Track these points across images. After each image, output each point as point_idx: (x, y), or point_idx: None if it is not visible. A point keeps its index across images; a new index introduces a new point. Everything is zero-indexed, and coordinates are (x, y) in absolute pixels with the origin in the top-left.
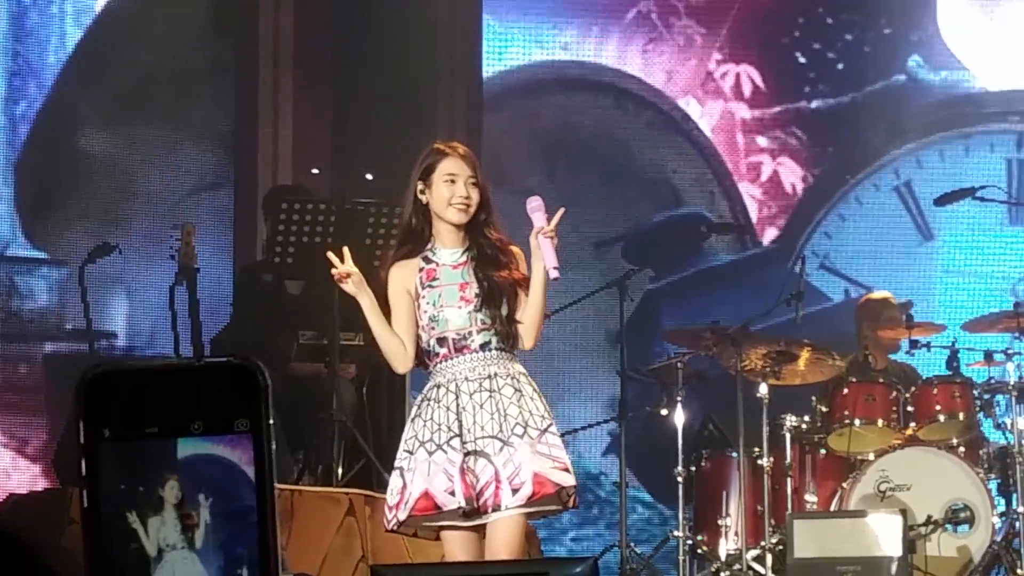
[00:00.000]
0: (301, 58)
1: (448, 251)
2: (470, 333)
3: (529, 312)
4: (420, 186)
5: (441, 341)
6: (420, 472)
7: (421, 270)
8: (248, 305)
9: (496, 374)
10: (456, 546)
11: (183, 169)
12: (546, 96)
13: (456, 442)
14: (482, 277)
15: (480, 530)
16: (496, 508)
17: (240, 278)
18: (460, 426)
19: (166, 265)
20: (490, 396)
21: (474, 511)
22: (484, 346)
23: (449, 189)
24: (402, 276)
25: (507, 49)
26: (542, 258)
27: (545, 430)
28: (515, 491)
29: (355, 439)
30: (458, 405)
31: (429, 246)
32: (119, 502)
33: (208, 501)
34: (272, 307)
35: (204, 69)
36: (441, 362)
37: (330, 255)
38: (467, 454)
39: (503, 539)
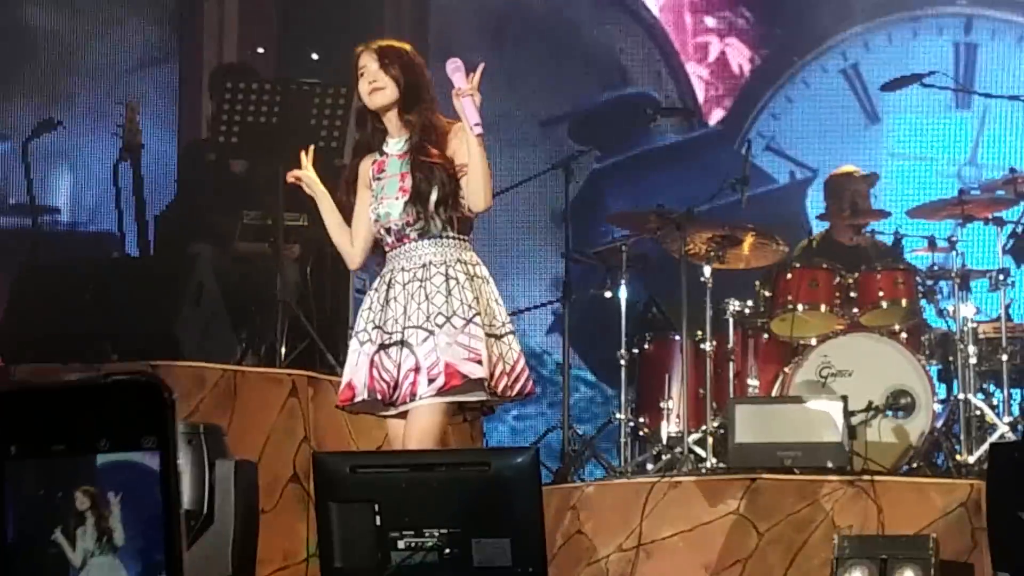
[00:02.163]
0: None
1: (394, 140)
2: (408, 223)
3: (470, 176)
4: (357, 91)
5: (387, 231)
6: (350, 362)
7: (374, 162)
8: (192, 184)
9: (431, 263)
10: (398, 429)
11: (127, 43)
12: None
13: (376, 333)
14: (415, 166)
15: None
16: (413, 397)
17: (184, 156)
18: (384, 317)
19: (110, 141)
20: (420, 286)
21: (390, 402)
22: (422, 235)
23: (363, 80)
24: (363, 170)
25: None
26: (465, 117)
27: (470, 320)
28: (431, 381)
29: (298, 319)
30: (388, 295)
31: (386, 138)
32: (34, 515)
33: (120, 508)
34: (216, 186)
35: None
36: (389, 252)
37: (302, 155)
38: (390, 345)
39: (412, 428)
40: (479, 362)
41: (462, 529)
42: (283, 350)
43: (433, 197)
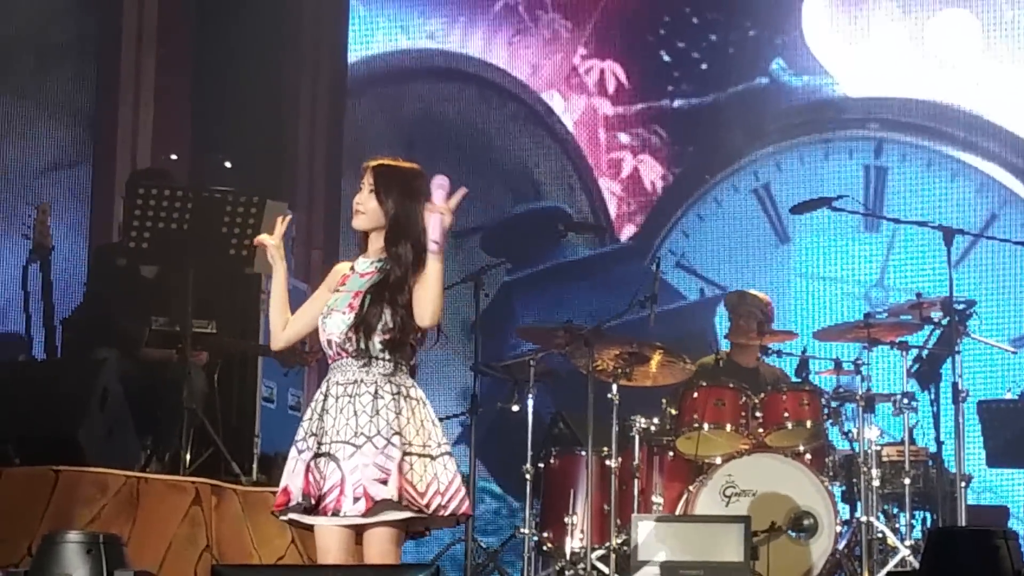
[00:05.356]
0: (165, 39)
1: (365, 260)
2: (349, 339)
3: (421, 290)
4: None
5: (328, 343)
6: (287, 469)
7: (343, 275)
8: (101, 288)
9: (362, 380)
10: (327, 541)
11: (41, 146)
12: (410, 84)
13: (312, 440)
14: (374, 298)
15: (352, 529)
16: (336, 512)
17: (94, 260)
18: (319, 426)
19: (20, 243)
20: (350, 401)
21: (312, 507)
22: (359, 353)
23: (357, 196)
24: (333, 273)
25: (373, 36)
26: (428, 231)
27: (389, 440)
28: (355, 500)
29: (204, 427)
30: (323, 407)
31: (360, 255)
32: None
33: None
34: (125, 291)
35: (66, 45)
36: (330, 363)
37: (278, 221)
38: (319, 455)
39: (369, 555)
40: (385, 482)
41: None
42: (187, 457)
43: (376, 338)
